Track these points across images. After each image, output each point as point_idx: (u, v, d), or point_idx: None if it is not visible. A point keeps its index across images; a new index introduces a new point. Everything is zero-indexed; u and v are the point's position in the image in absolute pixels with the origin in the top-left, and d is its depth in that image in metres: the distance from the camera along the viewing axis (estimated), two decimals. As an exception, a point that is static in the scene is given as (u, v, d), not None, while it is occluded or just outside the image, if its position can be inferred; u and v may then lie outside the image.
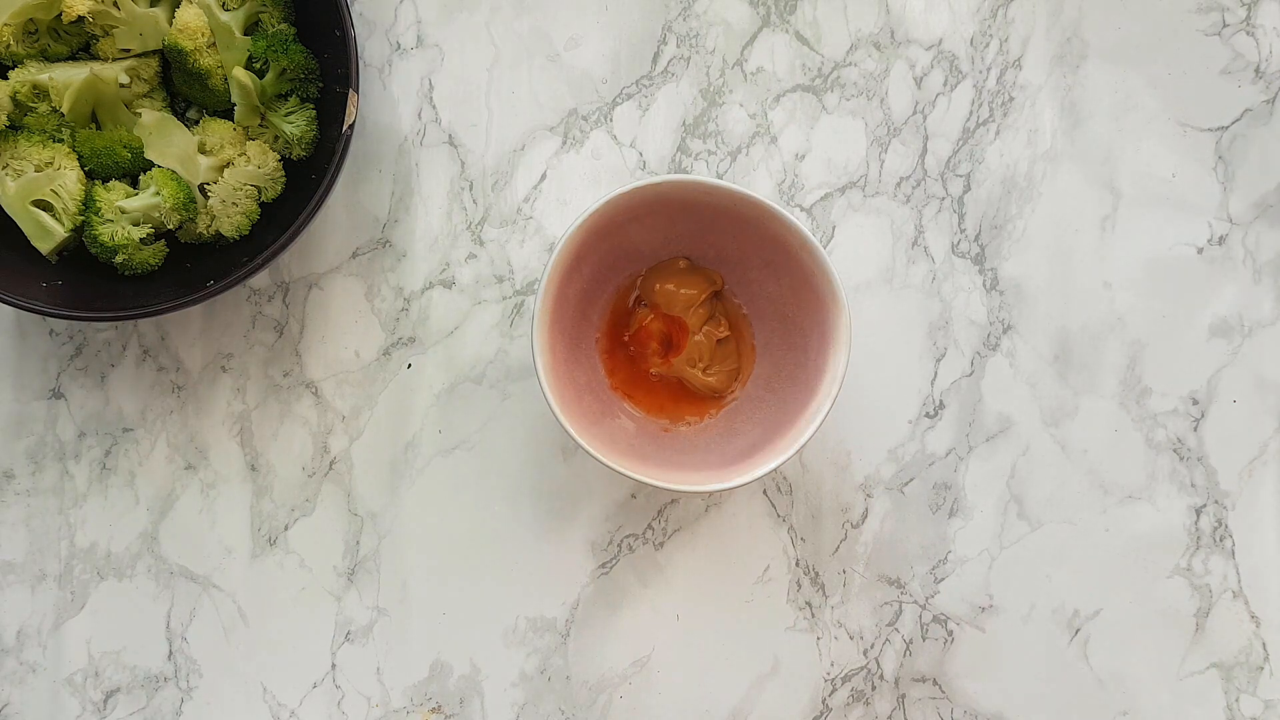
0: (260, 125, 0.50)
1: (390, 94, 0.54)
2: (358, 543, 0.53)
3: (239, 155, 0.50)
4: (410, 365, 0.53)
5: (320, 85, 0.50)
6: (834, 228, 0.54)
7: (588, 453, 0.44)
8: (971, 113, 0.54)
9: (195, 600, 0.53)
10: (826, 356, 0.45)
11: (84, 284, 0.49)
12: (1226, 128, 0.54)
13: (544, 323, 0.45)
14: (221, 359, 0.53)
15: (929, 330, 0.53)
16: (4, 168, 0.48)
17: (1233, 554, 0.53)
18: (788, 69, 0.54)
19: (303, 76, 0.49)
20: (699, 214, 0.47)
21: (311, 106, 0.50)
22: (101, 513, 0.53)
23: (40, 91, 0.48)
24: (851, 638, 0.53)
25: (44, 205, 0.48)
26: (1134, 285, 0.53)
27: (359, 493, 0.53)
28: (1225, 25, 0.54)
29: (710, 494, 0.53)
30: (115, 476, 0.53)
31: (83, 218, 0.48)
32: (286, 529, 0.53)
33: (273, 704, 0.53)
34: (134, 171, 0.50)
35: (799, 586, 0.53)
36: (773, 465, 0.44)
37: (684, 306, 0.50)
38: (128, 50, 0.49)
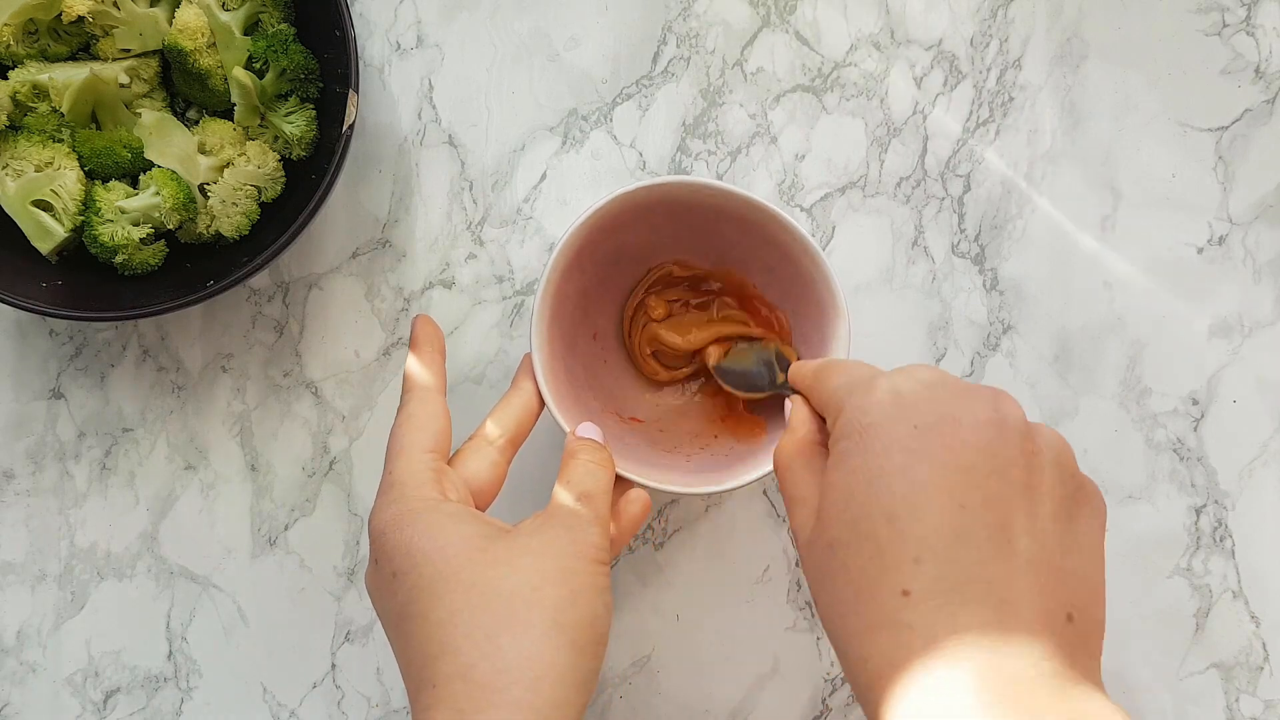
0: (260, 125, 0.50)
1: (390, 94, 0.54)
2: (358, 543, 0.53)
3: (239, 155, 0.50)
4: (410, 365, 0.53)
5: (320, 85, 0.50)
6: (834, 228, 0.54)
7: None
8: (971, 113, 0.54)
9: (195, 600, 0.53)
10: None
11: (84, 284, 0.49)
12: (1226, 128, 0.54)
13: (542, 321, 0.45)
14: (221, 359, 0.53)
15: (929, 330, 0.53)
16: (4, 168, 0.48)
17: (1233, 554, 0.53)
18: (788, 69, 0.54)
19: (303, 76, 0.49)
20: (702, 216, 0.47)
21: (311, 106, 0.50)
22: (101, 513, 0.53)
23: (40, 91, 0.48)
24: (851, 638, 0.53)
25: (44, 205, 0.48)
26: (1134, 285, 0.53)
27: (359, 493, 0.53)
28: (1225, 25, 0.54)
29: (710, 495, 0.53)
30: (115, 476, 0.53)
31: (83, 218, 0.48)
32: (286, 529, 0.53)
33: (273, 704, 0.53)
34: (134, 171, 0.50)
35: (799, 586, 0.53)
36: (772, 468, 0.44)
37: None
38: (128, 50, 0.49)
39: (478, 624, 0.35)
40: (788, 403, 0.39)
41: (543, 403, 0.44)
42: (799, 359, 0.47)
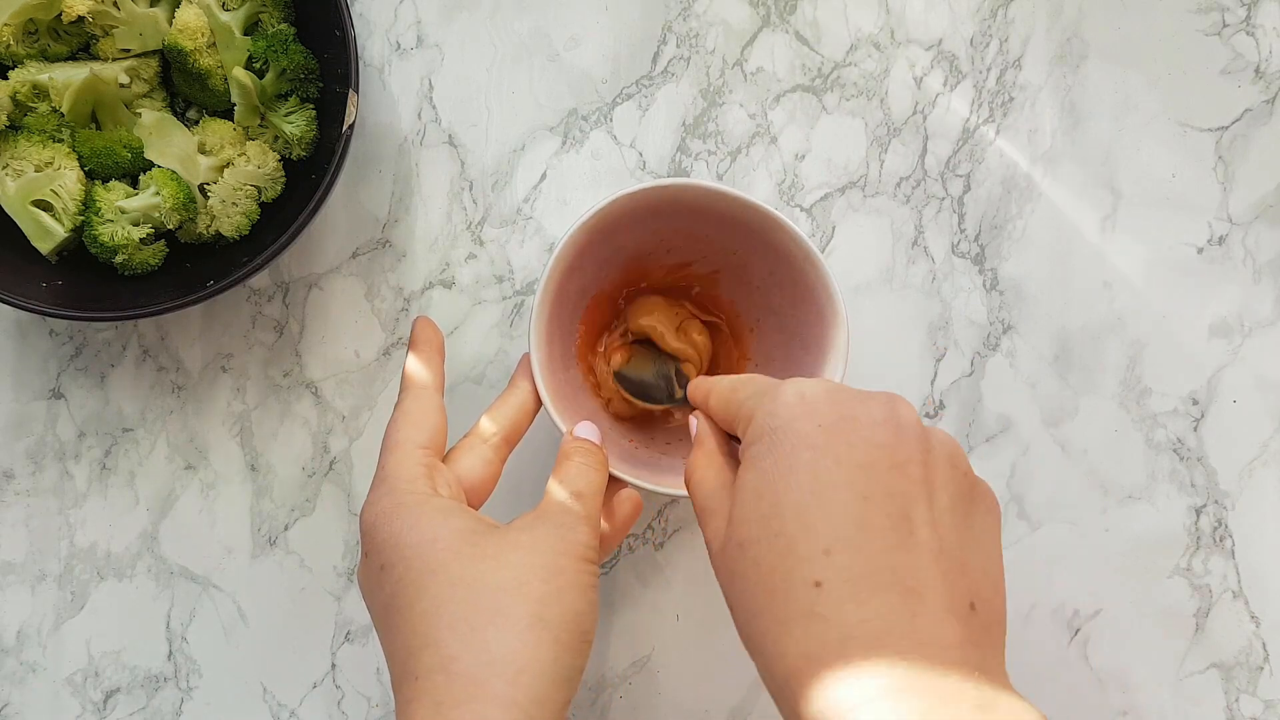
0: (260, 125, 0.50)
1: (390, 94, 0.54)
2: (358, 543, 0.53)
3: (239, 155, 0.50)
4: (410, 365, 0.53)
5: (320, 85, 0.50)
6: (834, 228, 0.54)
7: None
8: (971, 113, 0.54)
9: (195, 600, 0.53)
10: (821, 371, 0.45)
11: (84, 284, 0.49)
12: (1226, 128, 0.54)
13: (541, 320, 0.45)
14: (221, 359, 0.53)
15: (929, 330, 0.53)
16: (4, 168, 0.48)
17: (1233, 554, 0.53)
18: (788, 69, 0.54)
19: (303, 76, 0.49)
20: (706, 219, 0.46)
21: (311, 106, 0.50)
22: (101, 513, 0.53)
23: (40, 91, 0.48)
24: (851, 638, 0.53)
25: (44, 205, 0.48)
26: (1134, 285, 0.53)
27: (359, 493, 0.53)
28: (1225, 25, 0.54)
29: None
30: (115, 476, 0.53)
31: (83, 218, 0.48)
32: (286, 529, 0.53)
33: (273, 704, 0.53)
34: (134, 171, 0.50)
35: (799, 586, 0.53)
36: None
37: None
38: (128, 50, 0.49)
39: (461, 617, 0.35)
40: (692, 419, 0.40)
41: (539, 402, 0.44)
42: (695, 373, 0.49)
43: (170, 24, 0.49)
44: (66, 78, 0.48)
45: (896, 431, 0.33)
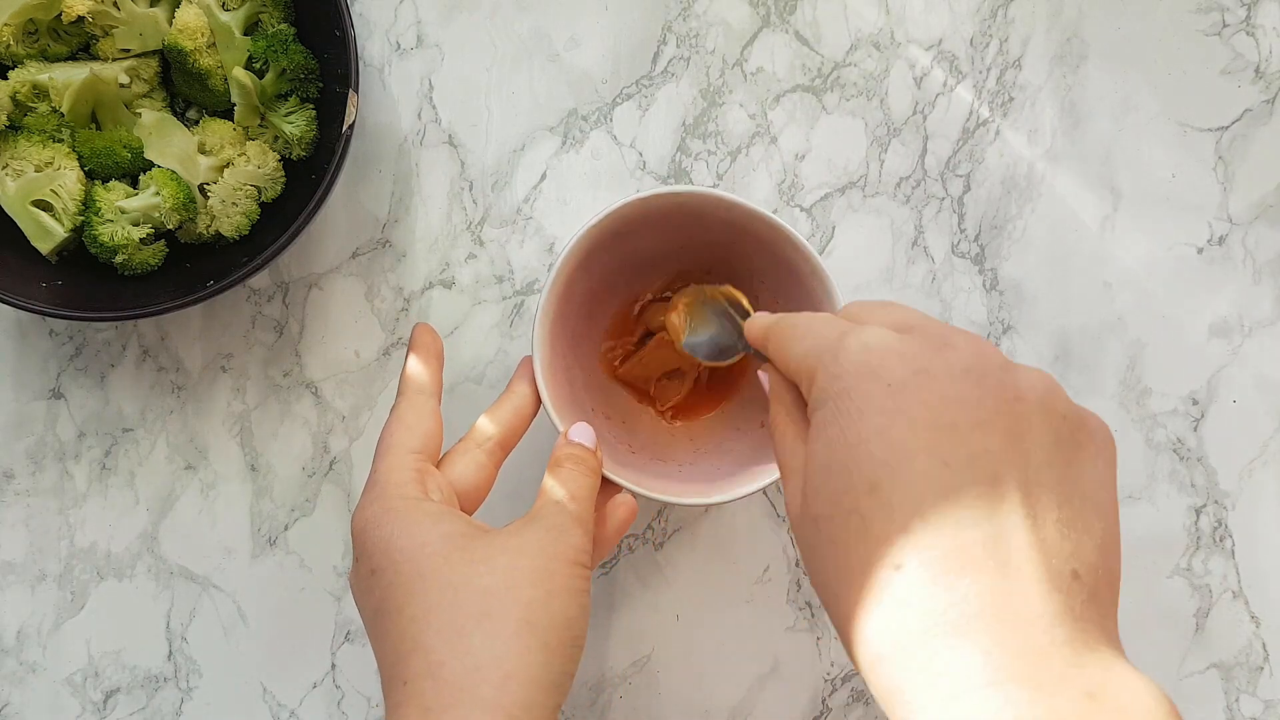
0: (260, 125, 0.50)
1: (390, 94, 0.54)
2: (358, 543, 0.53)
3: (239, 155, 0.50)
4: (410, 365, 0.53)
5: (320, 85, 0.50)
6: (834, 228, 0.54)
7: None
8: (971, 113, 0.54)
9: (195, 600, 0.53)
10: None
11: (84, 284, 0.49)
12: (1226, 128, 0.54)
13: (546, 320, 0.44)
14: (221, 359, 0.53)
15: (929, 330, 0.53)
16: (4, 168, 0.48)
17: (1233, 554, 0.53)
18: (788, 69, 0.54)
19: (303, 76, 0.49)
20: (713, 227, 0.46)
21: (311, 106, 0.50)
22: (101, 513, 0.53)
23: (40, 91, 0.48)
24: (851, 638, 0.53)
25: (44, 205, 0.48)
26: (1134, 285, 0.53)
27: (359, 493, 0.53)
28: (1225, 25, 0.54)
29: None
30: (115, 476, 0.53)
31: (83, 218, 0.48)
32: (286, 529, 0.53)
33: (273, 704, 0.53)
34: (134, 171, 0.50)
35: (799, 586, 0.53)
36: (771, 479, 0.44)
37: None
38: (128, 50, 0.49)
39: (449, 621, 0.35)
40: (762, 374, 0.37)
41: (536, 408, 0.44)
42: (748, 301, 0.46)
43: (170, 24, 0.49)
44: (66, 78, 0.48)
45: (978, 384, 0.29)
